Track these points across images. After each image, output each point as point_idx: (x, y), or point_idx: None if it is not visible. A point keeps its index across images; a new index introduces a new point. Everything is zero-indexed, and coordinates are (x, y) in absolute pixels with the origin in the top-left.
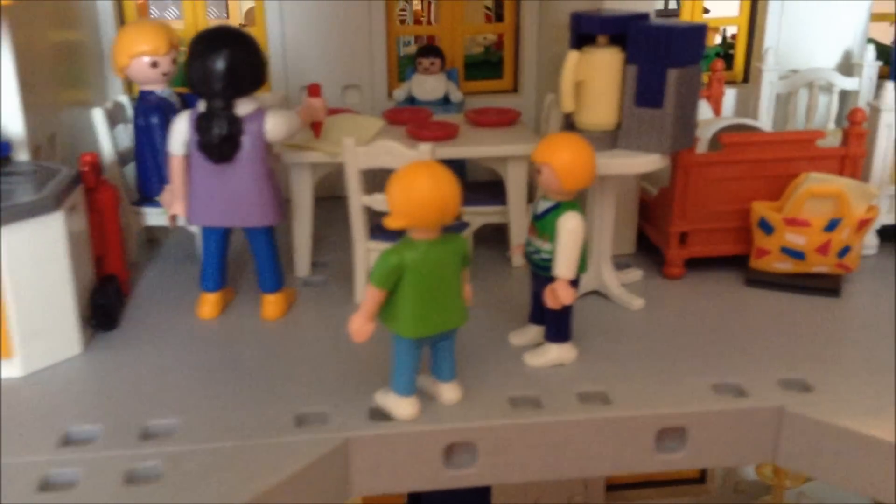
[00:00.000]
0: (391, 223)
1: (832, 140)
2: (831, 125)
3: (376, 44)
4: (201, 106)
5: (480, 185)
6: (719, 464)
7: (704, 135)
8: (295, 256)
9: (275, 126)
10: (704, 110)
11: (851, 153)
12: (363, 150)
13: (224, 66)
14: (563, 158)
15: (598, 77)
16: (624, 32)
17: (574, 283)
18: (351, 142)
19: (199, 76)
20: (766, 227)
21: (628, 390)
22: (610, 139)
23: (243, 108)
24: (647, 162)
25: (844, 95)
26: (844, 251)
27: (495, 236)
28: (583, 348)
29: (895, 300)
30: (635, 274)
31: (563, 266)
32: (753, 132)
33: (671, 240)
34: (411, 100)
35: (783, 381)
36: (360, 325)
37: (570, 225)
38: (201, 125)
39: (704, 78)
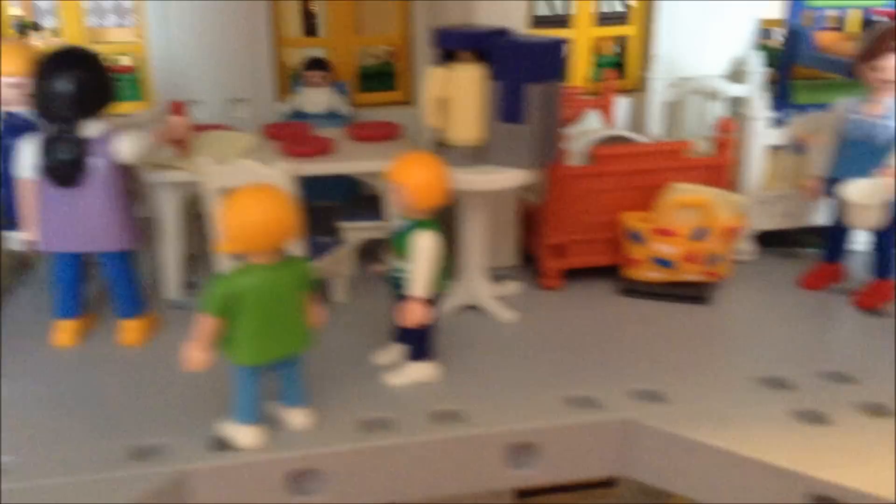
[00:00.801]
0: (223, 248)
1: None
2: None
3: (263, 56)
4: (47, 128)
5: (369, 199)
6: (572, 477)
7: (580, 146)
8: (163, 278)
9: (125, 147)
10: (595, 120)
11: (719, 162)
12: (220, 170)
13: (68, 88)
14: (416, 178)
15: (462, 93)
16: (485, 48)
17: (432, 301)
18: (207, 160)
19: (42, 98)
20: (636, 238)
21: (482, 407)
22: (476, 155)
23: (91, 129)
24: (511, 177)
25: (736, 102)
26: (713, 259)
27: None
28: (446, 365)
29: (764, 305)
30: (512, 287)
31: (417, 285)
32: (628, 143)
33: (546, 251)
34: (300, 113)
35: (637, 392)
36: (193, 354)
37: (423, 244)
38: (46, 148)
39: (596, 88)
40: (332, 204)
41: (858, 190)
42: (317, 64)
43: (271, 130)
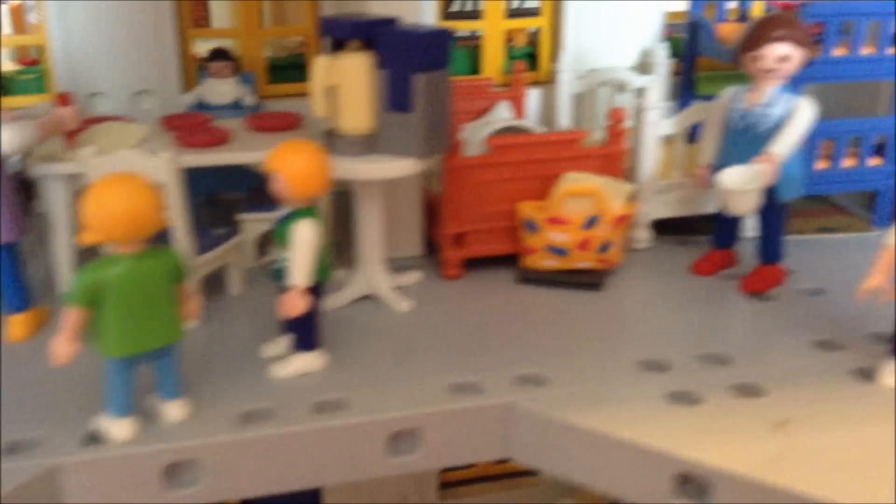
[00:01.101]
0: (85, 238)
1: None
2: (630, 123)
3: (167, 47)
4: None
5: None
6: (454, 462)
7: (479, 137)
8: (55, 271)
9: (5, 139)
10: (505, 112)
11: (612, 151)
12: (101, 160)
13: None
14: (293, 166)
15: (351, 82)
16: (372, 37)
17: (315, 290)
18: (89, 151)
19: None
20: (532, 227)
21: (366, 396)
22: (366, 144)
23: None
24: (402, 166)
25: (644, 93)
26: (605, 246)
27: None
28: (335, 355)
29: (655, 291)
30: (414, 276)
31: (297, 274)
32: (525, 134)
33: (445, 241)
34: (204, 105)
35: (521, 377)
36: (59, 347)
37: (302, 233)
38: None
39: (508, 79)
40: (237, 195)
41: (732, 177)
42: (220, 54)
43: (168, 121)
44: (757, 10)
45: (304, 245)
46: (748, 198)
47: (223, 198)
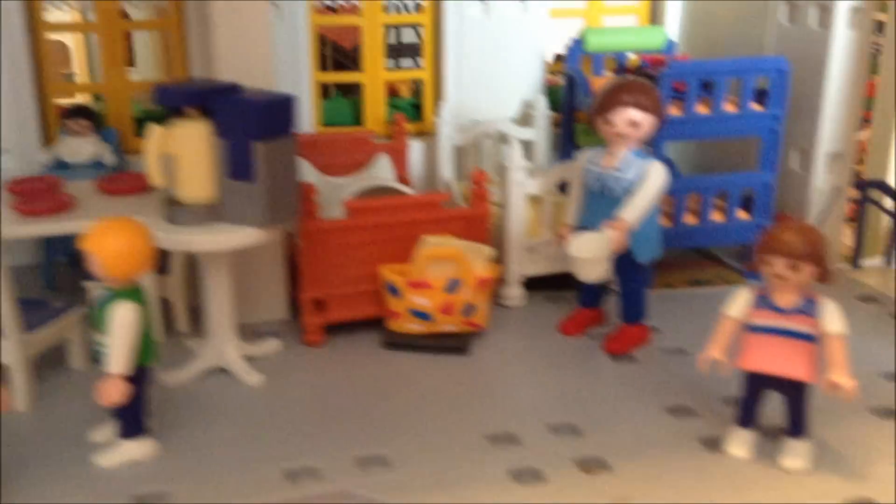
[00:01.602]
0: None
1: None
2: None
3: (26, 104)
4: None
5: None
6: None
7: (346, 195)
8: None
9: None
10: (385, 165)
11: (476, 214)
12: None
13: None
14: (109, 247)
15: (189, 150)
16: (209, 106)
17: (138, 375)
18: None
19: None
20: (394, 291)
21: (193, 487)
22: (208, 213)
23: None
24: (243, 237)
25: (528, 145)
26: (469, 309)
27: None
28: (169, 438)
29: (520, 353)
30: (271, 345)
31: (114, 360)
32: (392, 194)
33: (305, 306)
34: (62, 163)
35: (364, 458)
36: None
37: (119, 317)
38: None
39: (387, 131)
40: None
41: (580, 244)
42: (79, 111)
43: (11, 186)
44: (634, 63)
45: (121, 329)
46: (596, 265)
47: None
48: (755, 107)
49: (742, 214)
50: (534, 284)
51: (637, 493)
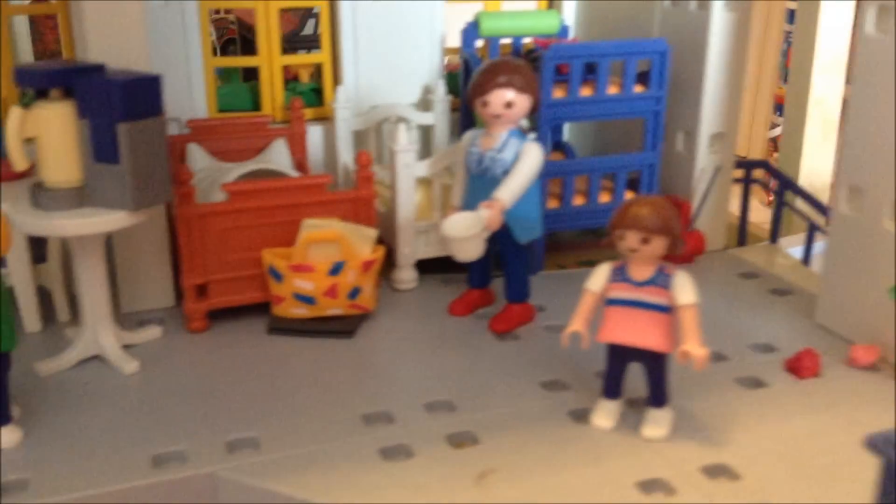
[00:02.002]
0: None
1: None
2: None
3: None
4: None
5: None
6: None
7: (227, 179)
8: None
9: None
10: (282, 150)
11: (362, 196)
12: None
13: None
14: None
15: (53, 133)
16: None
17: None
18: None
19: None
20: (276, 275)
21: (56, 474)
22: (77, 196)
23: None
24: (111, 220)
25: (427, 130)
26: (355, 292)
27: None
28: (37, 427)
29: (407, 335)
30: (153, 332)
31: None
32: (274, 178)
33: (187, 292)
34: None
35: (234, 441)
36: None
37: None
38: None
39: (286, 116)
40: None
41: (453, 224)
42: None
43: None
44: (529, 48)
45: None
46: (471, 244)
47: None
48: (638, 89)
49: (629, 195)
50: (429, 267)
51: (501, 464)
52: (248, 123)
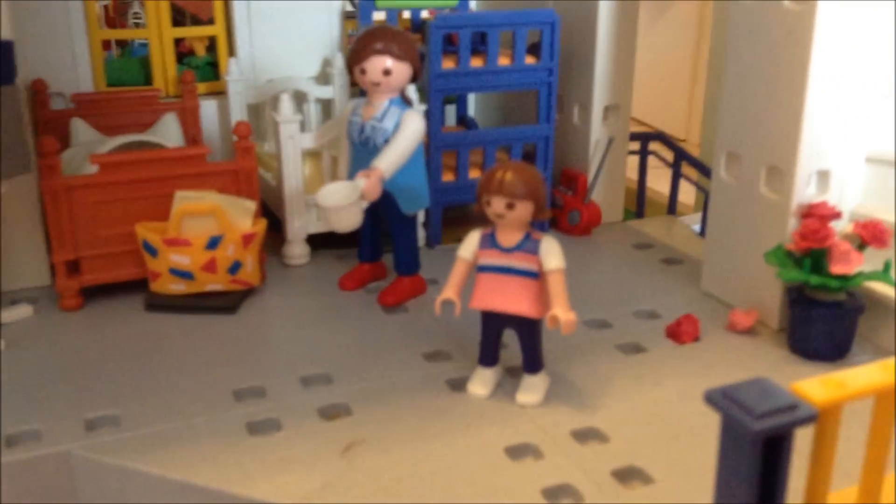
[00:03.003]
0: None
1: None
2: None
3: None
4: None
5: None
6: None
7: (100, 151)
8: None
9: None
10: (172, 125)
11: (243, 167)
12: None
13: None
14: None
15: None
16: None
17: None
18: None
19: None
20: (151, 250)
21: None
22: None
23: None
24: None
25: (326, 104)
26: (235, 267)
27: None
28: None
29: (293, 310)
30: (23, 310)
31: None
32: (147, 150)
33: (58, 269)
34: None
35: (94, 419)
36: None
37: None
38: None
39: (179, 90)
40: None
41: (327, 194)
42: None
43: None
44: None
45: None
46: (347, 214)
47: None
48: (530, 60)
49: None
50: (323, 242)
51: (372, 434)
52: (137, 97)
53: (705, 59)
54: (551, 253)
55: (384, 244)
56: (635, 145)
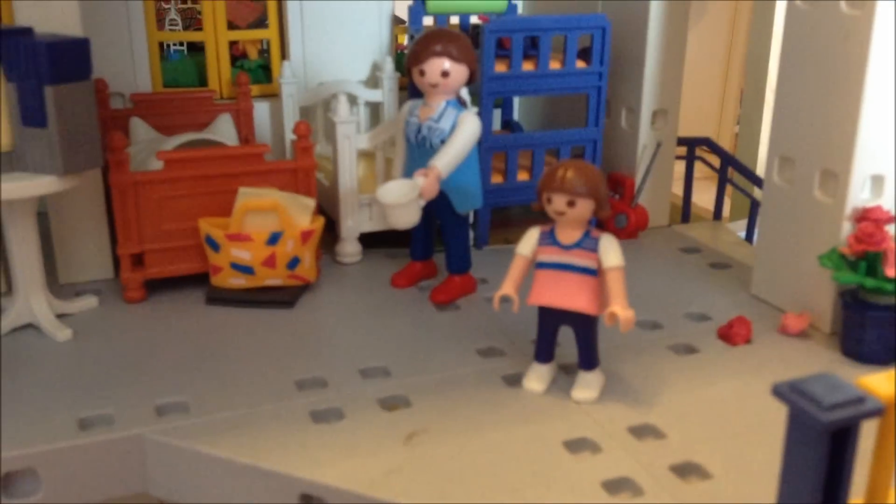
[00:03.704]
0: None
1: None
2: None
3: None
4: None
5: None
6: (85, 500)
7: (164, 149)
8: None
9: None
10: (227, 125)
11: (302, 166)
12: None
13: None
14: None
15: None
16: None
17: None
18: None
19: None
20: (213, 245)
21: None
22: (6, 161)
23: None
24: (41, 185)
25: (375, 107)
26: (294, 263)
27: None
28: None
29: (348, 307)
30: (88, 301)
31: None
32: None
33: (123, 262)
34: None
35: (163, 406)
36: None
37: None
38: None
39: (233, 92)
40: None
41: (387, 191)
42: None
43: None
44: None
45: None
46: (405, 211)
47: None
48: (580, 64)
49: None
50: (375, 242)
51: (432, 425)
52: (193, 98)
53: (738, 62)
54: (611, 250)
55: (436, 243)
56: (681, 150)
